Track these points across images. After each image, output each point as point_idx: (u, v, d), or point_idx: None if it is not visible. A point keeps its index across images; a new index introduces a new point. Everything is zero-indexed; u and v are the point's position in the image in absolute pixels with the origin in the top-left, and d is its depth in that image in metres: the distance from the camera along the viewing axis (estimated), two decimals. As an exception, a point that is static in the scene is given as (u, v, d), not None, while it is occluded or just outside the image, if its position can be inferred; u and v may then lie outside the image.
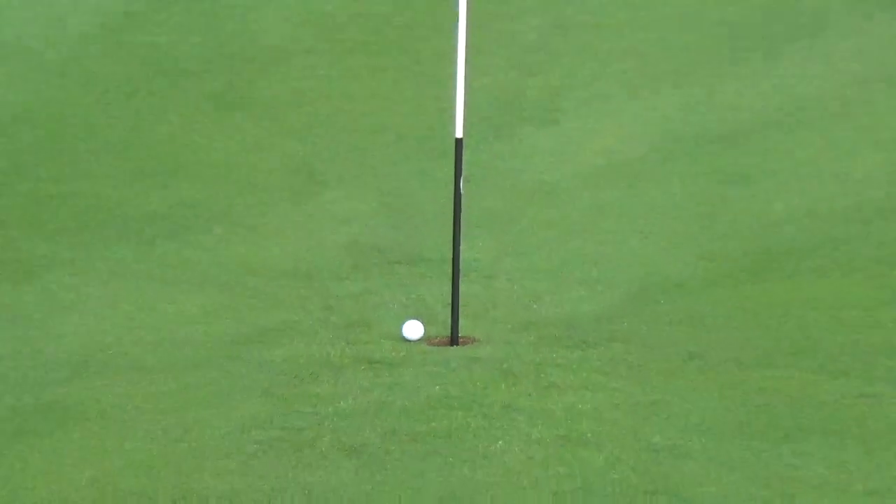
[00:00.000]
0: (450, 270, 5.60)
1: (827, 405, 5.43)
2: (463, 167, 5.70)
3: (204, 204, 6.89)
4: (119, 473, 4.58)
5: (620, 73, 9.03)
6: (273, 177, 7.17)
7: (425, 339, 5.64)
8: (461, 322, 5.59)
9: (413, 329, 5.62)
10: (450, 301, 5.63)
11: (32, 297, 5.94)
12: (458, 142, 5.71)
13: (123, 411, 5.05)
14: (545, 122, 7.64)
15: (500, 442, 4.93)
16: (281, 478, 4.65)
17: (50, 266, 6.13)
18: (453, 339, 5.62)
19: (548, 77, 8.40)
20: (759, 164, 8.02)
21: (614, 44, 9.92)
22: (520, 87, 7.91)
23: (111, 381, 5.30)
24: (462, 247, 5.56)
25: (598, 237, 6.80)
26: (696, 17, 12.51)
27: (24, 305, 5.83)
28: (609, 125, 8.13)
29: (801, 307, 6.29)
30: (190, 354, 5.49)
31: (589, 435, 5.01)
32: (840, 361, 5.84)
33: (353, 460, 4.74)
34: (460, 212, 5.56)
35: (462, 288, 5.59)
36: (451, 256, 5.61)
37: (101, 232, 6.43)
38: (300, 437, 5.00)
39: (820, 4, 12.02)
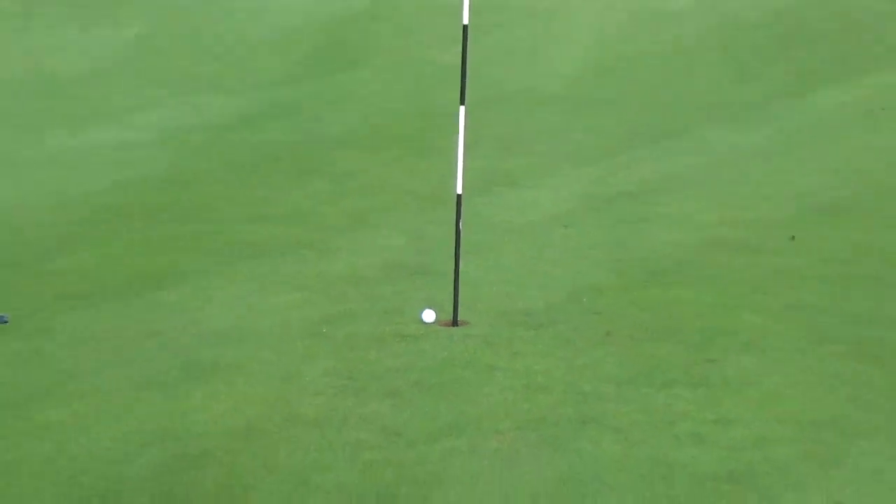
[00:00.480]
0: (452, 279, 5.74)
1: (688, 365, 5.47)
2: (461, 214, 5.80)
3: (295, 237, 6.96)
4: (250, 404, 4.77)
5: (564, 153, 9.06)
6: (339, 220, 7.21)
7: (437, 322, 5.78)
8: (459, 311, 5.73)
9: (428, 315, 5.75)
10: (452, 298, 5.75)
11: (189, 295, 6.06)
12: (458, 197, 5.81)
13: (252, 366, 5.18)
14: (513, 186, 7.72)
15: (485, 388, 5.02)
16: (348, 409, 4.76)
17: (201, 275, 6.28)
18: (454, 322, 5.76)
19: (516, 158, 8.49)
20: (655, 211, 8.01)
21: (563, 132, 9.91)
22: (497, 165, 7.96)
23: (243, 347, 5.42)
24: (460, 264, 5.71)
25: (548, 259, 6.86)
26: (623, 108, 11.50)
27: (184, 300, 5.94)
28: (554, 188, 8.16)
29: (674, 304, 6.37)
30: (288, 330, 5.59)
31: (542, 385, 5.07)
32: (695, 337, 5.84)
33: (392, 399, 4.85)
34: (459, 243, 5.73)
35: (459, 290, 5.72)
36: (452, 270, 5.74)
37: (231, 254, 6.55)
38: (358, 385, 5.01)
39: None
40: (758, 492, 4.09)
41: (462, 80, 5.94)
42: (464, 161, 5.92)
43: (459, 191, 5.95)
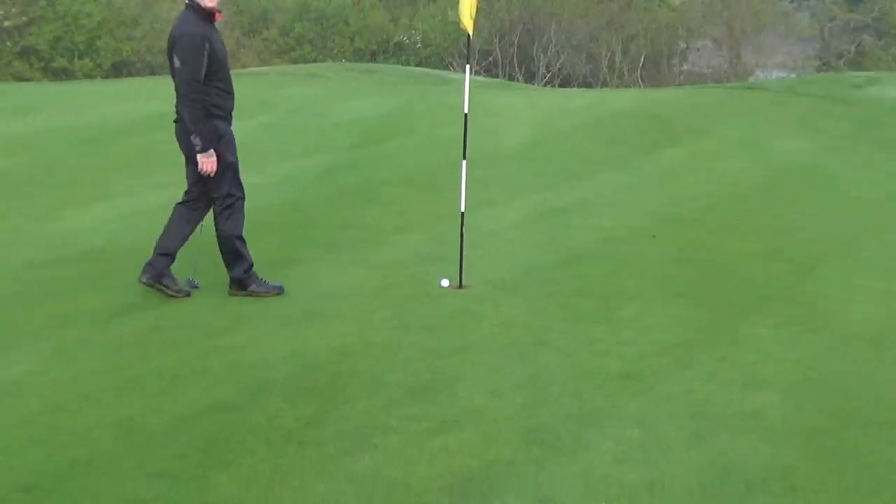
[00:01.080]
0: (458, 262, 5.67)
1: (597, 310, 5.41)
2: (464, 223, 5.78)
3: (363, 238, 6.92)
4: (343, 336, 4.74)
5: (520, 187, 8.95)
6: (388, 229, 7.19)
7: (450, 286, 5.67)
8: (463, 280, 5.65)
9: (445, 283, 5.66)
10: (458, 273, 5.66)
11: (307, 271, 6.00)
12: (462, 214, 5.81)
13: (344, 313, 5.12)
14: (491, 206, 7.69)
15: (480, 326, 4.98)
16: (400, 338, 4.72)
17: (312, 260, 6.23)
18: (460, 286, 5.66)
19: (492, 190, 8.44)
20: (575, 220, 7.91)
21: (518, 176, 9.78)
22: (481, 195, 7.61)
23: (338, 302, 5.33)
24: (463, 253, 5.67)
25: (511, 248, 6.78)
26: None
27: (303, 273, 5.89)
28: (514, 207, 8.19)
29: (588, 275, 6.30)
30: (362, 292, 5.55)
31: (513, 323, 5.02)
32: (601, 294, 5.73)
33: (426, 333, 4.79)
34: (462, 241, 5.70)
35: (463, 268, 5.66)
36: (458, 256, 5.67)
37: (328, 248, 6.50)
38: (405, 324, 4.93)
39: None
40: (644, 382, 4.21)
41: (464, 146, 6.00)
42: (465, 191, 5.93)
43: (463, 209, 5.96)
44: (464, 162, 6.06)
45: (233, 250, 5.05)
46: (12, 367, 4.05)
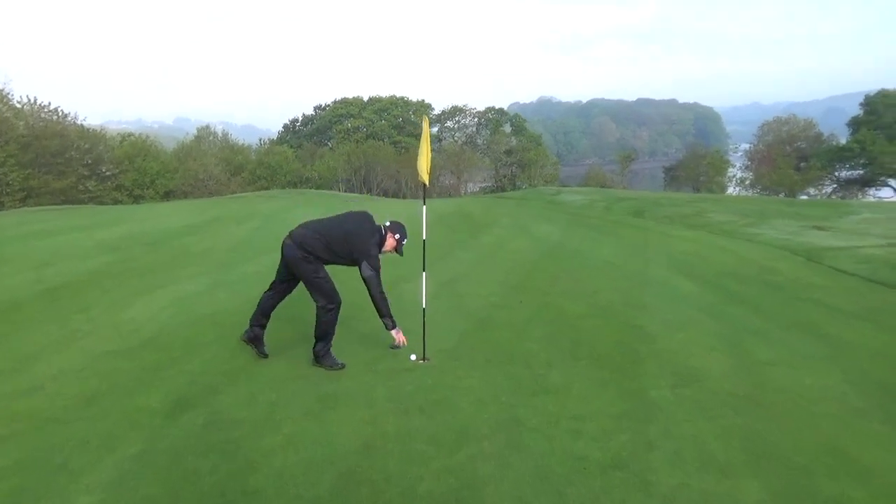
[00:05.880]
0: (417, 337, 6.14)
1: (510, 363, 6.04)
2: (425, 313, 6.36)
3: (352, 316, 6.89)
4: (342, 436, 4.86)
5: (474, 284, 9.61)
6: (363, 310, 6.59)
7: (418, 359, 6.24)
8: (426, 353, 6.13)
9: (413, 356, 6.22)
10: (423, 350, 6.23)
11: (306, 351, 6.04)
12: (423, 310, 6.49)
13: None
14: (405, 281, 7.15)
15: (465, 408, 5.18)
16: (405, 421, 4.91)
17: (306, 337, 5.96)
18: (424, 359, 6.20)
19: (463, 286, 7.46)
20: (466, 289, 8.78)
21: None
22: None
23: (350, 383, 5.69)
24: (425, 334, 6.19)
25: (438, 320, 7.11)
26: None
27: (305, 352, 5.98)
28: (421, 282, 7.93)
29: (495, 338, 6.96)
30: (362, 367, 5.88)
31: (495, 409, 5.17)
32: (507, 351, 6.42)
33: (424, 419, 4.92)
34: (424, 330, 6.29)
35: (426, 344, 6.12)
36: (422, 338, 6.23)
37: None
38: (406, 408, 5.13)
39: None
40: (632, 473, 4.21)
41: (423, 261, 6.53)
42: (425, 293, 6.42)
43: (424, 305, 6.49)
44: (423, 273, 6.57)
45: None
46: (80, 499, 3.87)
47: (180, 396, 5.43)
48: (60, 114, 44.56)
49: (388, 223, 6.09)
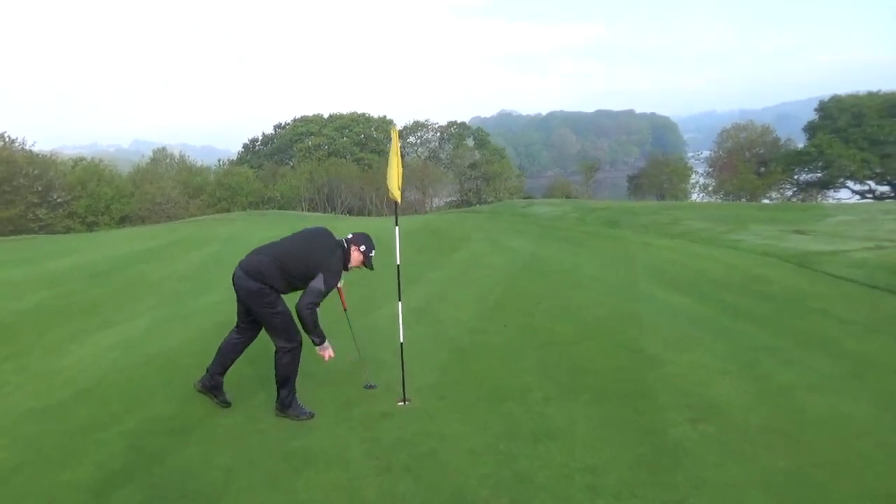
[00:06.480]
0: (400, 373, 5.80)
1: (498, 399, 5.57)
2: (403, 350, 5.97)
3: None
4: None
5: (387, 290, 8.23)
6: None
7: (398, 401, 5.84)
8: (406, 393, 5.78)
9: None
10: (402, 390, 5.84)
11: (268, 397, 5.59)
12: (401, 344, 6.07)
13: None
14: (376, 307, 7.37)
15: (457, 463, 4.68)
16: (388, 483, 4.44)
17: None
18: (405, 400, 5.82)
19: (445, 308, 8.04)
20: (444, 314, 8.26)
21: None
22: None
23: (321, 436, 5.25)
24: (404, 366, 5.85)
25: (416, 350, 6.87)
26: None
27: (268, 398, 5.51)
28: (394, 307, 8.01)
29: (480, 369, 6.48)
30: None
31: (491, 460, 4.61)
32: (492, 383, 5.79)
33: (411, 481, 4.41)
34: (403, 366, 5.93)
35: (405, 383, 5.77)
36: (401, 379, 5.87)
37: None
38: (389, 465, 4.64)
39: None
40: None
41: (399, 290, 6.18)
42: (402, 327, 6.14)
43: (402, 340, 6.06)
44: (399, 303, 6.13)
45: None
46: None
47: (115, 467, 4.69)
48: (7, 139, 43.44)
49: (349, 236, 5.61)
